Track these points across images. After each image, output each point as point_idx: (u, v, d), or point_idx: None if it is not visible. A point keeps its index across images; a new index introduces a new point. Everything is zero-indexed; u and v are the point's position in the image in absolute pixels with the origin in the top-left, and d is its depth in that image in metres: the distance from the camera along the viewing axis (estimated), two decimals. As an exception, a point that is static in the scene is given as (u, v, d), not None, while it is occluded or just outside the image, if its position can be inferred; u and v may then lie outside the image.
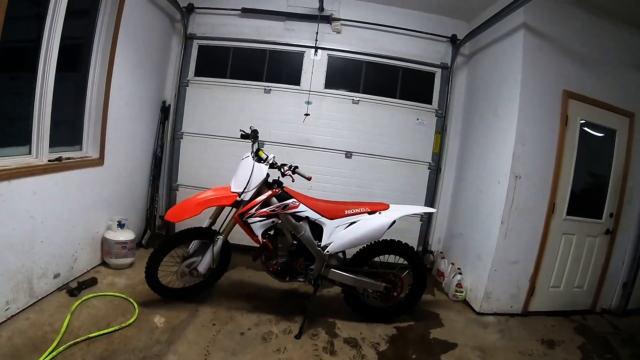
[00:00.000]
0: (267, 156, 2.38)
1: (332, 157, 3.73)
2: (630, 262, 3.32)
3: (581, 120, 3.03)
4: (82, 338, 1.94)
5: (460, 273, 3.21)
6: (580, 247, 3.15)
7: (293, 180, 2.39)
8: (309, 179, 2.37)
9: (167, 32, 3.62)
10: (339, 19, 3.64)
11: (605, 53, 3.05)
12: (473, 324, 2.83)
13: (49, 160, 2.32)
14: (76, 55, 2.66)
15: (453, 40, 3.72)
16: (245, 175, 2.31)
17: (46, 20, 2.19)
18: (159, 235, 3.64)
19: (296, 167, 2.39)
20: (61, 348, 1.83)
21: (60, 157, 2.45)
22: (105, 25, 2.71)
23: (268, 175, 2.38)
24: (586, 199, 3.22)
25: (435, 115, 3.80)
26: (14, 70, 2.21)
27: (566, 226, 3.06)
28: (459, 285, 3.14)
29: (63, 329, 1.98)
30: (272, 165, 2.38)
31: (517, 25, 2.87)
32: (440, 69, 3.79)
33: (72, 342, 1.89)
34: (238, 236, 2.51)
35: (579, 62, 2.96)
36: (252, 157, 2.37)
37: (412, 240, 3.79)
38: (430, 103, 3.81)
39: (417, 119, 3.76)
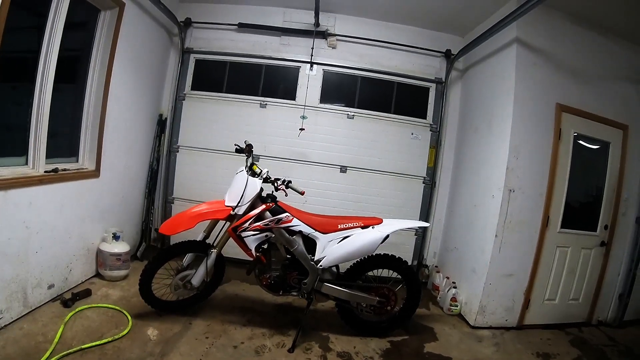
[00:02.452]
0: (261, 170, 2.40)
1: (327, 172, 3.75)
2: (626, 273, 3.32)
3: (575, 133, 3.06)
4: (75, 349, 1.94)
5: (455, 287, 3.20)
6: (575, 260, 3.15)
7: (286, 195, 2.40)
8: (302, 193, 2.38)
9: (164, 46, 3.66)
10: (335, 35, 3.68)
11: (598, 66, 3.09)
12: (468, 338, 2.82)
13: (45, 171, 2.34)
14: (74, 67, 2.69)
15: (447, 55, 3.76)
16: (239, 189, 2.32)
17: (45, 31, 2.22)
18: (154, 248, 3.64)
19: (289, 181, 2.41)
20: (54, 358, 1.83)
21: (57, 168, 2.46)
22: (103, 38, 2.74)
23: (262, 189, 2.39)
24: (580, 212, 3.23)
25: (430, 130, 3.83)
26: (12, 81, 2.23)
27: (561, 239, 3.06)
28: (453, 299, 3.14)
29: (56, 340, 1.98)
30: (266, 180, 2.39)
31: (510, 40, 2.91)
32: (434, 84, 3.83)
33: (65, 352, 1.88)
34: (233, 250, 2.51)
35: (572, 75, 3.00)
36: (246, 171, 2.39)
37: (407, 255, 3.79)
38: (425, 118, 3.85)
39: (412, 134, 3.79)
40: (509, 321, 3.02)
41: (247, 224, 2.30)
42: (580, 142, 3.15)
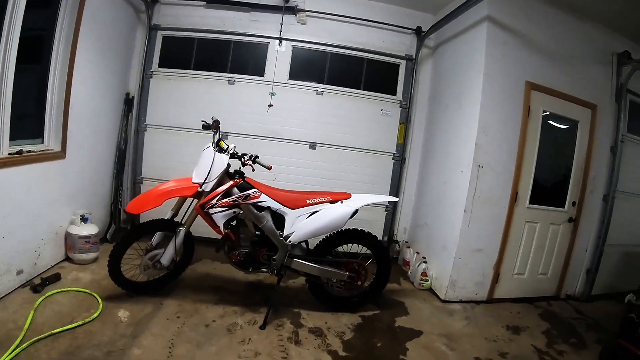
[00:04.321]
0: (228, 146, 2.37)
1: (297, 149, 3.74)
2: (594, 249, 3.43)
3: (544, 111, 3.11)
4: (46, 334, 1.91)
5: (425, 262, 3.25)
6: (543, 235, 3.23)
7: (253, 170, 2.38)
8: (269, 168, 2.37)
9: (131, 23, 3.56)
10: (305, 10, 3.63)
11: (568, 46, 3.13)
12: (439, 312, 2.87)
13: (9, 154, 2.27)
14: (37, 47, 2.60)
15: (418, 32, 3.76)
16: (206, 165, 2.30)
17: (6, 10, 2.13)
18: (124, 229, 3.56)
19: (256, 156, 2.38)
20: (25, 345, 1.80)
21: (21, 150, 2.39)
22: (67, 16, 2.65)
23: (229, 165, 2.37)
24: (549, 189, 3.31)
25: (400, 106, 3.84)
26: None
27: (529, 215, 3.13)
28: (424, 273, 3.19)
29: (26, 326, 1.94)
30: (233, 155, 2.37)
31: (481, 18, 2.92)
32: (405, 61, 3.84)
33: (35, 338, 1.85)
34: (204, 229, 2.49)
35: (542, 54, 3.04)
36: (213, 147, 2.36)
37: (378, 231, 3.83)
38: (395, 94, 3.86)
39: (382, 110, 3.80)
40: (479, 295, 3.09)
41: (214, 201, 2.27)
42: (550, 121, 3.20)
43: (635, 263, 3.63)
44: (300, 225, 2.42)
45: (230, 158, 2.36)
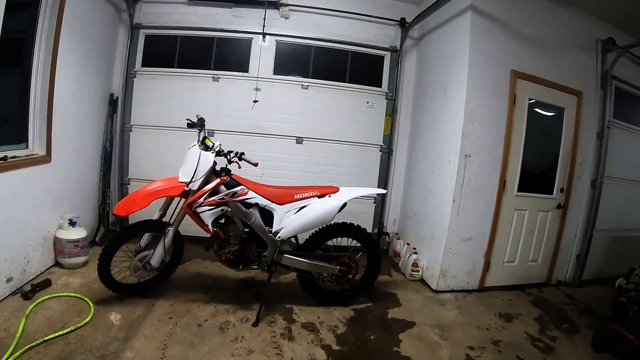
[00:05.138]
0: (214, 144, 2.36)
1: (283, 144, 3.73)
2: (583, 234, 3.47)
3: (530, 99, 3.12)
4: (38, 341, 1.89)
5: (415, 253, 3.27)
6: (532, 222, 3.25)
7: (240, 167, 2.37)
8: (255, 164, 2.35)
9: (113, 23, 3.52)
10: (287, 4, 3.61)
11: (552, 34, 3.14)
12: (431, 302, 2.89)
13: (-7, 160, 2.23)
14: (18, 50, 2.55)
15: (402, 23, 3.75)
16: (192, 164, 2.28)
17: None
18: (113, 232, 3.53)
19: (242, 153, 2.37)
20: (17, 353, 1.78)
21: (6, 156, 2.35)
22: (47, 17, 2.60)
23: (215, 163, 2.35)
24: (537, 176, 3.33)
25: (386, 98, 3.85)
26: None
27: (518, 202, 3.15)
28: (415, 264, 3.20)
29: (18, 334, 1.92)
30: (219, 153, 2.35)
31: (465, 7, 2.92)
32: (389, 52, 3.84)
33: (28, 346, 1.83)
34: (193, 228, 2.48)
35: (526, 42, 3.04)
36: (199, 145, 2.34)
37: (367, 223, 3.84)
38: (380, 86, 3.86)
39: (367, 102, 3.80)
40: (470, 284, 3.11)
41: (202, 199, 2.26)
42: (537, 109, 3.22)
43: (623, 247, 3.68)
44: (289, 220, 2.42)
45: (216, 156, 2.34)
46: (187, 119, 2.45)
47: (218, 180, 2.31)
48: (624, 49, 3.28)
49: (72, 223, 2.84)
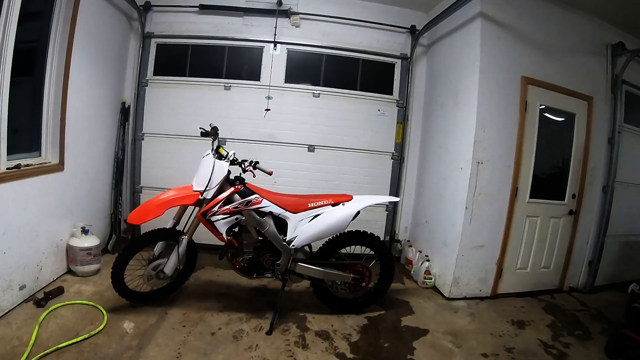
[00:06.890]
0: (228, 153, 2.36)
1: (295, 152, 3.74)
2: (595, 240, 3.44)
3: (541, 105, 3.12)
4: (51, 349, 1.89)
5: (428, 260, 3.26)
6: (544, 229, 3.24)
7: (254, 176, 2.38)
8: (270, 173, 2.36)
9: (124, 32, 3.56)
10: (298, 13, 3.63)
11: (561, 39, 3.14)
12: (443, 310, 2.88)
13: (7, 169, 2.24)
14: (32, 59, 2.58)
15: (412, 30, 3.77)
16: (207, 173, 2.29)
17: None
18: (124, 240, 3.56)
19: (257, 162, 2.38)
20: None
21: (19, 164, 2.37)
22: (60, 27, 2.63)
23: (229, 172, 2.36)
24: (548, 182, 3.32)
25: (397, 106, 3.85)
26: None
27: (530, 209, 3.14)
28: (427, 272, 3.19)
29: (32, 342, 1.93)
30: (233, 162, 2.36)
31: (474, 15, 2.93)
32: (400, 60, 3.85)
33: (41, 354, 1.84)
34: (206, 236, 2.48)
35: (536, 48, 3.04)
36: (213, 154, 2.35)
37: (379, 230, 3.85)
38: (391, 94, 3.87)
39: (379, 110, 3.81)
40: (483, 291, 3.09)
41: (216, 208, 2.27)
42: (547, 114, 3.21)
43: (635, 253, 3.65)
44: (303, 229, 2.42)
45: (230, 165, 2.35)
46: (200, 128, 2.47)
47: (232, 189, 2.32)
48: (633, 53, 3.28)
49: (84, 231, 2.86)
